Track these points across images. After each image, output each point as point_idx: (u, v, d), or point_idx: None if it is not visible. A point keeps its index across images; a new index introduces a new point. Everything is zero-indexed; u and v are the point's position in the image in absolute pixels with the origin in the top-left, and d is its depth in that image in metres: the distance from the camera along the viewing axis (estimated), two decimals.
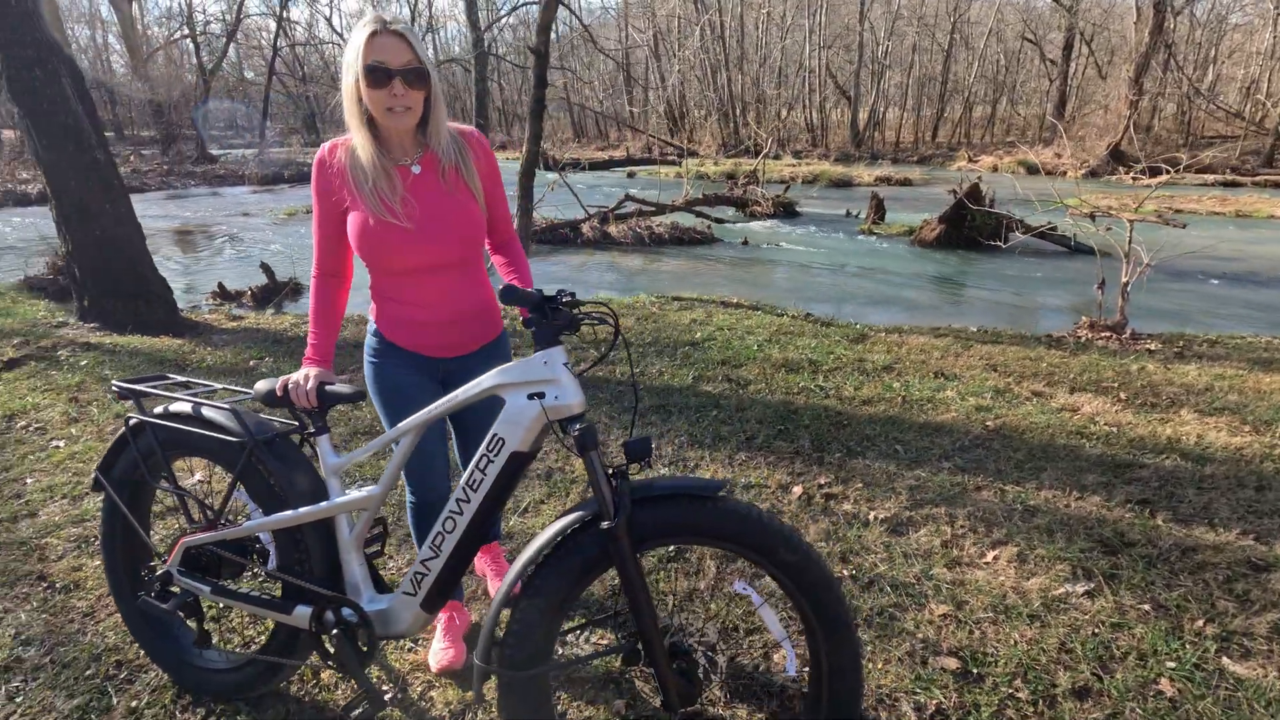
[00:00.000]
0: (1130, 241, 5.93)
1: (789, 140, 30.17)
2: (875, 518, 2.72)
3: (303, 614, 1.74)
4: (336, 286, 1.76)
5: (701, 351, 4.62)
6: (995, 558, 2.49)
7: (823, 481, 2.99)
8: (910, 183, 21.90)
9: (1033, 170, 18.59)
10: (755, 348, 4.68)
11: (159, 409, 1.86)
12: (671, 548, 2.38)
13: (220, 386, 1.99)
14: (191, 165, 26.67)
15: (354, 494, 1.71)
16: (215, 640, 2.18)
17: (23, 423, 3.81)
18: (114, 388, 1.89)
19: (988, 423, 3.56)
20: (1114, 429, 3.49)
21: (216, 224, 13.91)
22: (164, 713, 1.91)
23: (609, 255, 12.28)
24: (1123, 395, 3.94)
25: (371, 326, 1.81)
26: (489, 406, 1.66)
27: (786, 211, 15.58)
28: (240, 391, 1.88)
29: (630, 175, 23.77)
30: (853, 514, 2.76)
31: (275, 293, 7.32)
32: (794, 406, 3.75)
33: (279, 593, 1.82)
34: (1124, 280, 5.97)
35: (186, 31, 30.00)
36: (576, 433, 1.43)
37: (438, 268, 1.69)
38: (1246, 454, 3.21)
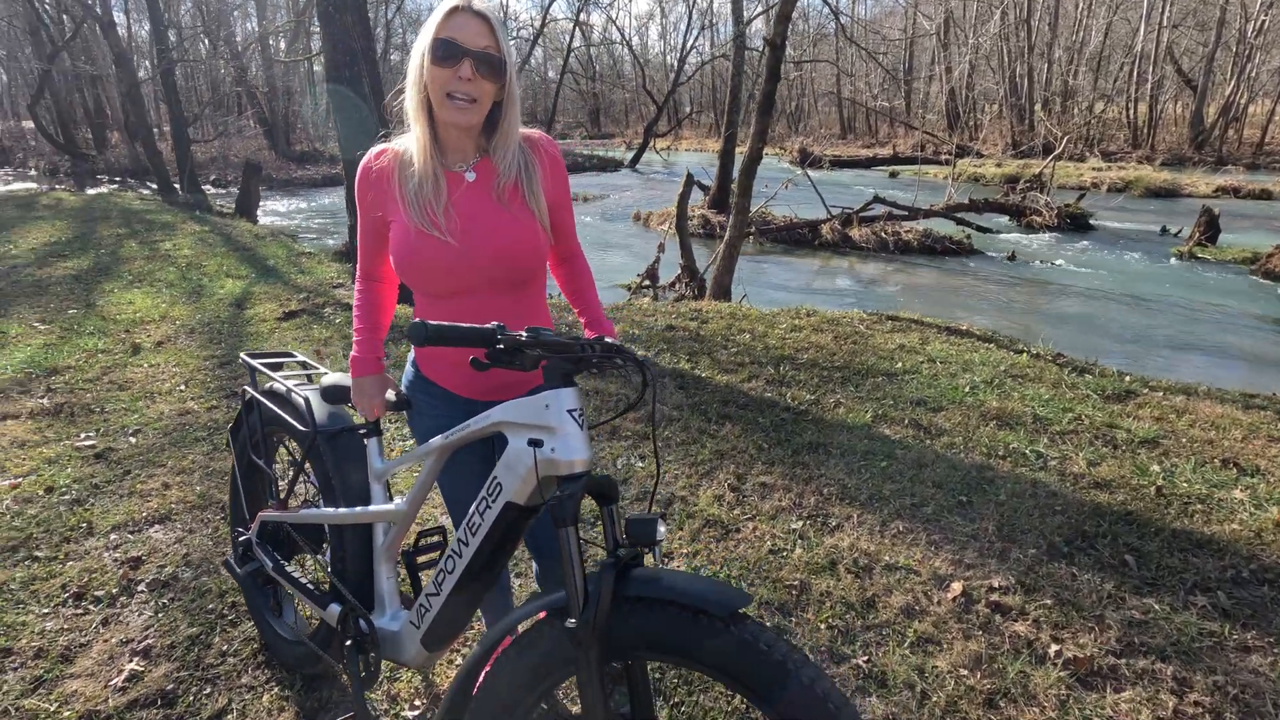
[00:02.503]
0: None
1: (1100, 139, 25.51)
2: (1058, 653, 2.02)
3: (333, 613, 1.73)
4: (380, 287, 1.67)
5: (896, 385, 3.95)
6: None
7: (996, 584, 2.31)
8: (1270, 195, 17.17)
9: None
10: (966, 390, 3.88)
11: (265, 387, 1.98)
12: None
13: (325, 372, 2.07)
14: None
15: (389, 505, 1.64)
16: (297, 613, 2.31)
17: None
18: (240, 359, 2.06)
19: None
20: None
21: None
22: (242, 663, 2.06)
23: (846, 260, 11.44)
24: None
25: (411, 356, 1.67)
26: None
27: (1075, 224, 13.18)
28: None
29: (892, 175, 22.07)
30: (1026, 640, 2.08)
31: None
32: (991, 474, 3.00)
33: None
34: None
35: None
36: (555, 500, 1.17)
37: (481, 293, 1.47)
38: None
